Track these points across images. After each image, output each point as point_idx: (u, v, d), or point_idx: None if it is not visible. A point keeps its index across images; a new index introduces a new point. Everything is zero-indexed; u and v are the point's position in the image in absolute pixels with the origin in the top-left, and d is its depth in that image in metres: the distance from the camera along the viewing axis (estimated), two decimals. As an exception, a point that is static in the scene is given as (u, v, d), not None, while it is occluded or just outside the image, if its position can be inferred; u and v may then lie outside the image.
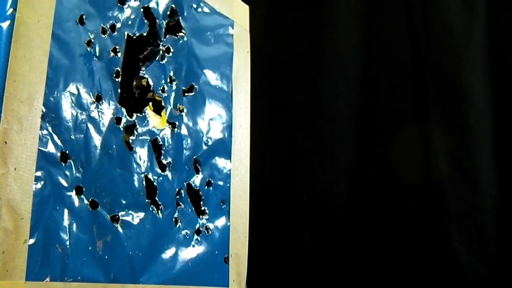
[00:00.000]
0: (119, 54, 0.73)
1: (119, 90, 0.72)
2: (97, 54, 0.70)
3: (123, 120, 0.73)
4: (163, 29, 0.81)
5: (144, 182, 0.75)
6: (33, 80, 0.61)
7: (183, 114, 0.82)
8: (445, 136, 1.26)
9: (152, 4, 0.79)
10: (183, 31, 0.83)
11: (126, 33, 0.75)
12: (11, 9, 0.60)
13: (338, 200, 1.31)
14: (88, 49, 0.69)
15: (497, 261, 1.21)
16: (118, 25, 0.74)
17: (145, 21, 0.78)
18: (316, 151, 1.33)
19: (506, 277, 1.20)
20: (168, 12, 0.82)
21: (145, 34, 0.78)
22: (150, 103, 0.77)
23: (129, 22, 0.75)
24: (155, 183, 0.76)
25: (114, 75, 0.73)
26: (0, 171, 0.56)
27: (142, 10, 0.78)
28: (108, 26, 0.72)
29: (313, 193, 1.32)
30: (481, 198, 1.23)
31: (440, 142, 1.26)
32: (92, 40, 0.70)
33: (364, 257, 1.28)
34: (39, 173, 0.60)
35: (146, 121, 0.76)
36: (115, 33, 0.73)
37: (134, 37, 0.76)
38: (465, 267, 1.20)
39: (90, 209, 0.66)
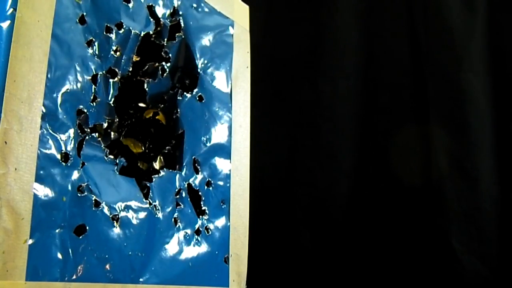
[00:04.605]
0: (121, 54, 0.73)
1: (117, 91, 0.72)
2: (98, 54, 0.70)
3: (119, 121, 0.73)
4: (167, 28, 0.81)
5: (144, 182, 0.75)
6: (33, 80, 0.61)
7: (184, 114, 0.82)
8: (445, 136, 1.26)
9: (154, 4, 0.79)
10: (184, 30, 0.83)
11: (132, 31, 0.74)
12: (11, 9, 0.59)
13: (338, 200, 1.31)
14: (89, 49, 0.69)
15: (497, 261, 1.21)
16: (124, 23, 0.73)
17: (151, 19, 0.78)
18: (316, 151, 1.33)
19: (506, 277, 1.20)
20: (170, 12, 0.82)
21: (151, 32, 0.78)
22: (130, 142, 0.77)
23: (134, 20, 0.75)
24: (155, 183, 0.76)
25: (115, 75, 0.72)
26: (0, 171, 0.56)
27: (146, 8, 0.77)
28: (113, 25, 0.72)
29: (313, 193, 1.32)
30: (481, 198, 1.23)
31: (440, 142, 1.26)
32: (93, 40, 0.70)
33: (364, 257, 1.28)
34: (39, 173, 0.60)
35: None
36: (121, 31, 0.73)
37: (141, 36, 0.76)
38: (465, 267, 1.20)
39: (90, 209, 0.66)
